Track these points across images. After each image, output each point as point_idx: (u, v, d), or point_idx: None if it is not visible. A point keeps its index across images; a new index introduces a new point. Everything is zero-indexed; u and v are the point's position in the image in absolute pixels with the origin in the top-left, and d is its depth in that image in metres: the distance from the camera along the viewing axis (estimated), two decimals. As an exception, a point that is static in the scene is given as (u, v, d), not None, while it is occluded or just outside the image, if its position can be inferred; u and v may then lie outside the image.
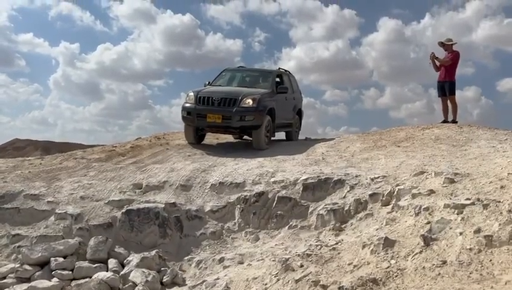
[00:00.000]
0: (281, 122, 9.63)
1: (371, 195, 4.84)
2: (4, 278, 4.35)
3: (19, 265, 4.45)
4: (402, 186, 4.60)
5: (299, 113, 11.20)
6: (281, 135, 10.33)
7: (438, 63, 9.02)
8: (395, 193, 4.57)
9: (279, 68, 10.76)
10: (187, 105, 8.66)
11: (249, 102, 8.38)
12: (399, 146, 7.06)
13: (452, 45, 8.99)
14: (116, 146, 9.16)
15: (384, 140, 7.75)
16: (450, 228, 3.34)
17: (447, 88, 8.85)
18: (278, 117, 9.18)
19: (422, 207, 3.84)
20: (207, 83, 9.92)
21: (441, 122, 8.79)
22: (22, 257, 4.52)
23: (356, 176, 5.40)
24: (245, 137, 9.61)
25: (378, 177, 5.20)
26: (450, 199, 3.86)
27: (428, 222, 3.54)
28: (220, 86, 9.63)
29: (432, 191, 4.17)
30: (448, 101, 8.95)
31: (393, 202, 4.48)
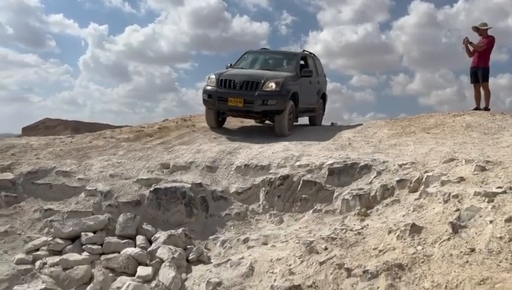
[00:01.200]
0: (305, 107, 9.35)
1: (398, 181, 4.76)
2: (37, 250, 4.52)
3: (51, 238, 4.62)
4: (431, 173, 4.51)
5: (323, 97, 10.91)
6: (303, 120, 10.23)
7: (471, 48, 8.73)
8: (424, 179, 4.48)
9: (304, 50, 10.40)
10: (208, 88, 8.46)
11: (271, 86, 8.12)
12: (428, 133, 6.91)
13: (487, 29, 8.67)
14: (144, 127, 9.32)
15: (413, 126, 7.59)
16: (480, 216, 3.26)
17: (480, 74, 8.57)
18: (302, 102, 8.93)
19: (452, 194, 3.75)
20: (229, 65, 9.64)
21: (473, 110, 8.56)
22: (54, 230, 4.69)
23: (383, 162, 5.32)
24: (267, 121, 9.43)
25: (407, 163, 5.11)
26: (481, 187, 3.77)
27: (458, 209, 3.47)
28: (242, 68, 9.34)
29: (462, 179, 4.08)
30: (481, 88, 8.67)
31: (421, 189, 4.39)
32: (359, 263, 3.28)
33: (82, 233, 4.57)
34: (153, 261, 4.22)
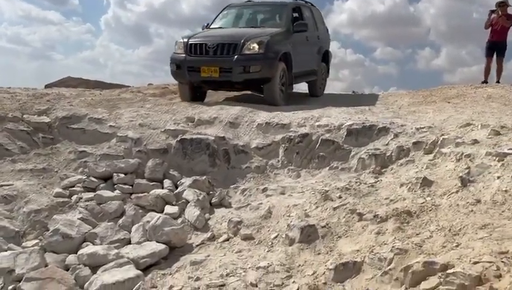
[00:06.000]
0: (301, 70, 7.70)
1: (414, 143, 4.94)
2: (73, 186, 4.91)
3: (85, 177, 4.99)
4: (447, 136, 4.68)
5: (326, 57, 8.97)
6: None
7: (496, 21, 8.83)
8: (439, 142, 4.65)
9: None
10: (176, 56, 6.94)
11: (253, 47, 6.60)
12: (449, 102, 7.01)
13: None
14: (168, 85, 9.61)
15: (435, 96, 7.69)
16: (489, 173, 3.46)
17: (500, 49, 8.78)
18: (297, 64, 7.33)
19: (464, 154, 3.95)
20: (205, 25, 7.92)
21: (481, 83, 8.76)
22: (88, 170, 5.06)
23: (401, 125, 5.49)
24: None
25: (424, 127, 5.28)
26: (493, 148, 3.94)
27: (468, 167, 3.66)
28: (220, 28, 7.70)
29: (475, 141, 4.25)
30: (495, 62, 8.89)
31: (436, 150, 4.57)
32: (370, 209, 3.54)
33: (114, 174, 4.93)
34: (179, 202, 4.56)
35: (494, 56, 8.97)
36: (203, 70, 6.66)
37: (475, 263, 2.40)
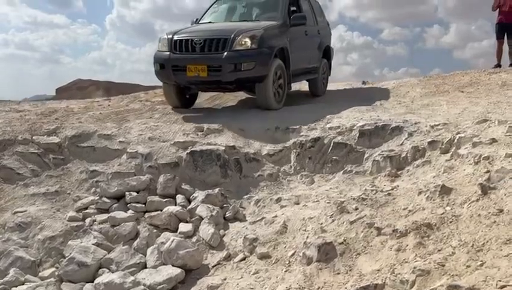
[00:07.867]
0: (300, 67, 7.16)
1: (429, 142, 4.80)
2: (86, 208, 4.89)
3: (98, 198, 4.96)
4: (463, 134, 4.53)
5: (328, 53, 8.38)
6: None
7: (504, 1, 8.58)
8: (455, 140, 4.51)
9: None
10: (159, 54, 6.42)
11: (245, 42, 6.03)
12: (462, 92, 6.83)
13: None
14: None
15: (447, 85, 7.50)
16: (510, 178, 3.32)
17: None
18: (295, 61, 6.79)
19: (483, 156, 3.80)
20: (194, 20, 7.38)
21: (494, 67, 8.53)
22: (100, 190, 5.04)
23: (415, 123, 5.35)
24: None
25: (439, 124, 5.13)
26: (513, 149, 3.79)
27: (488, 171, 3.53)
28: (210, 22, 7.21)
29: (493, 140, 4.09)
30: (506, 45, 8.68)
31: (452, 150, 4.44)
32: (389, 222, 3.43)
33: (126, 193, 4.90)
34: (193, 219, 4.51)
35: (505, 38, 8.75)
36: (189, 69, 6.10)
37: (502, 287, 2.30)
